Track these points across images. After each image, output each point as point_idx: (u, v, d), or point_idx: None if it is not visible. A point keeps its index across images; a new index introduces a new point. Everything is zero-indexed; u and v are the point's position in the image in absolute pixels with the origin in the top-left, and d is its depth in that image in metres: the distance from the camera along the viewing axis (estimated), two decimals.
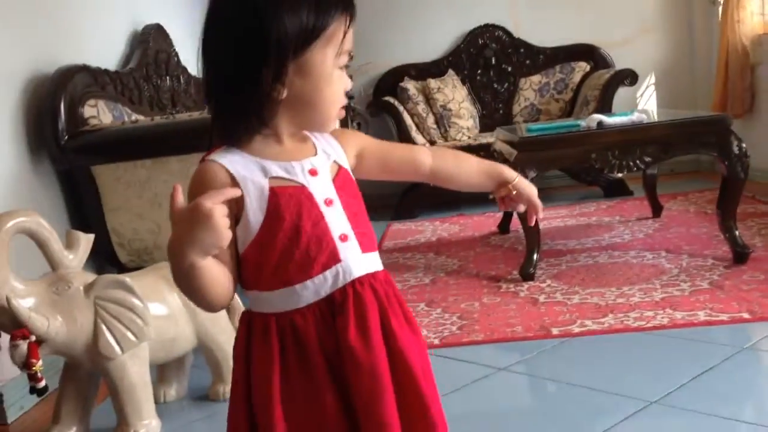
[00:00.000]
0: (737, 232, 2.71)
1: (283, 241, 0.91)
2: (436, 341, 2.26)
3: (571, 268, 2.86)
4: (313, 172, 0.94)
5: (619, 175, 4.34)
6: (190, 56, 3.68)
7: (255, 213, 0.91)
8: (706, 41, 4.82)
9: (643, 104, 4.96)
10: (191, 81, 3.53)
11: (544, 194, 1.32)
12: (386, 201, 4.87)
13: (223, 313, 2.00)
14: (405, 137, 4.45)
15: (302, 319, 0.92)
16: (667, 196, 4.01)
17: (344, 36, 0.91)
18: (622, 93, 4.47)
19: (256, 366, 0.94)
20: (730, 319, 2.14)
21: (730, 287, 2.41)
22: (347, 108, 4.05)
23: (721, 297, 2.33)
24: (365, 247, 0.97)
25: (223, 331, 1.98)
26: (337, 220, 0.94)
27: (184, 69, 3.51)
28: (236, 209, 0.90)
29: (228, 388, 1.98)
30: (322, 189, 0.94)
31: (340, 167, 0.99)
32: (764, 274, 2.50)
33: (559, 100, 4.72)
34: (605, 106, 4.23)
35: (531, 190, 1.10)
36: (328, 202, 0.94)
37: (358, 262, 0.95)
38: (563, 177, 4.67)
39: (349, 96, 4.66)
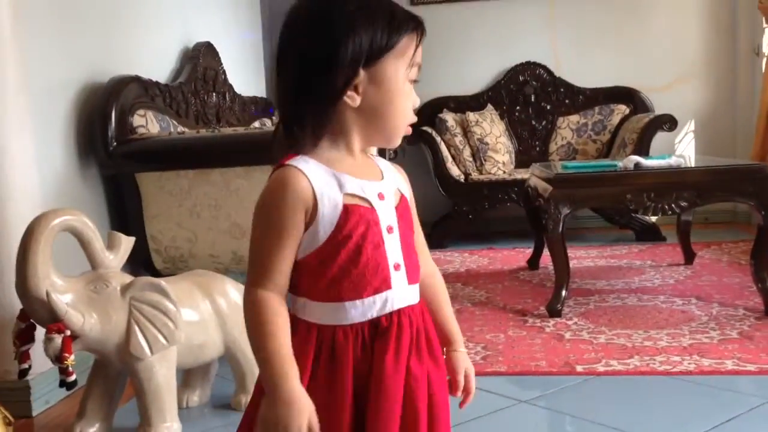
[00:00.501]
0: None
1: (344, 257, 0.93)
2: None
3: (599, 308, 2.85)
4: (381, 196, 0.97)
5: (653, 218, 4.32)
6: (236, 75, 3.78)
7: (325, 225, 0.93)
8: (748, 91, 4.80)
9: (681, 150, 4.94)
10: (236, 99, 3.62)
11: (576, 234, 1.34)
12: None
13: None
14: (440, 167, 4.49)
15: (343, 336, 0.94)
16: (700, 244, 3.98)
17: (415, 50, 0.95)
18: (660, 138, 4.47)
19: None
20: (758, 370, 2.12)
21: (760, 338, 2.39)
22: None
23: (750, 347, 2.30)
24: (411, 279, 0.99)
25: None
26: (394, 248, 0.97)
27: (230, 87, 3.61)
28: (308, 218, 0.92)
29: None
30: (386, 214, 0.97)
31: (402, 195, 1.02)
32: None
33: (596, 141, 4.73)
34: (643, 150, 4.23)
35: (460, 365, 1.03)
36: (390, 229, 0.97)
37: (405, 292, 0.98)
38: (597, 218, 4.66)
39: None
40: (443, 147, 4.61)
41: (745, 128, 4.79)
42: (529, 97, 4.98)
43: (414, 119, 0.99)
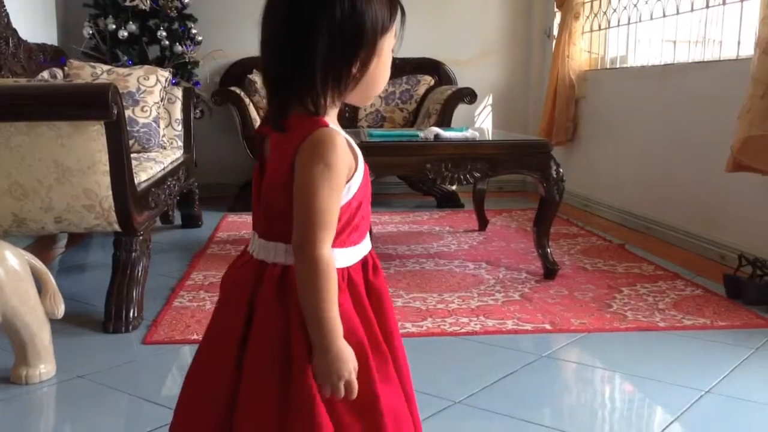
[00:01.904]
0: (549, 250, 2.94)
1: (362, 207, 1.04)
2: None
3: (398, 272, 2.97)
4: None
5: (452, 187, 4.56)
6: (21, 18, 3.43)
7: (358, 181, 1.02)
8: (540, 71, 5.17)
9: (480, 122, 5.24)
10: (21, 45, 3.29)
11: (381, 199, 1.38)
12: (223, 192, 4.80)
13: (34, 291, 1.90)
14: (248, 129, 4.40)
15: (355, 272, 1.04)
16: (493, 211, 4.27)
17: (401, 24, 1.04)
18: (462, 109, 4.70)
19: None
20: (534, 329, 2.32)
21: (537, 300, 2.61)
22: (193, 95, 3.95)
23: (529, 308, 2.52)
24: None
25: (32, 310, 1.87)
26: None
27: (14, 31, 3.27)
28: (349, 176, 1.00)
29: (31, 371, 1.88)
30: None
31: None
32: (568, 290, 2.73)
33: (403, 110, 4.87)
34: (445, 121, 4.43)
35: (318, 371, 0.98)
36: None
37: None
38: (401, 185, 4.83)
39: (194, 82, 4.55)
40: (252, 109, 4.52)
41: (536, 105, 5.17)
42: None
43: None
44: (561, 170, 2.88)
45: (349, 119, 4.95)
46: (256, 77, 4.66)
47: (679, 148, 3.53)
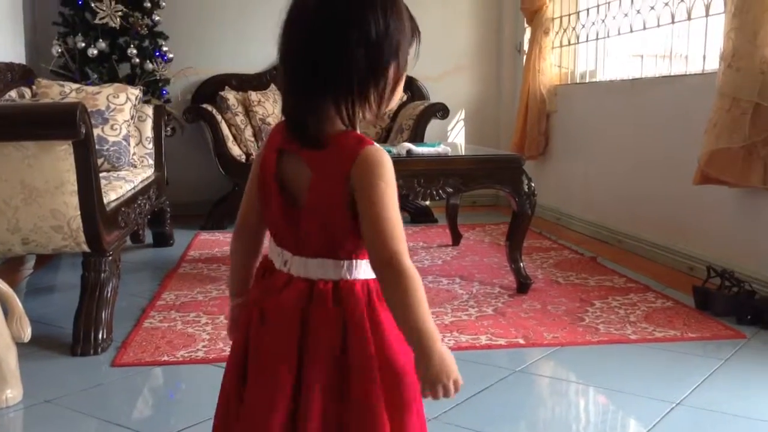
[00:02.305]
0: (522, 264, 2.95)
1: None
2: None
3: None
4: None
5: (425, 202, 4.57)
6: None
7: None
8: (511, 86, 5.22)
9: (453, 137, 5.26)
10: None
11: None
12: (196, 210, 4.77)
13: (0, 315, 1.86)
14: (220, 146, 4.38)
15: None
16: (467, 226, 4.29)
17: (418, 42, 1.05)
18: (435, 125, 4.72)
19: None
20: (507, 344, 2.33)
21: (510, 314, 2.62)
22: (164, 112, 3.93)
23: (503, 323, 2.52)
24: None
25: None
26: None
27: None
28: None
29: (7, 394, 1.84)
30: None
31: None
32: (541, 304, 2.75)
33: (376, 126, 4.88)
34: (418, 136, 4.45)
35: (427, 376, 0.98)
36: None
37: None
38: None
39: (166, 100, 4.52)
40: (224, 126, 4.51)
41: (508, 120, 5.21)
42: None
43: None
44: (533, 184, 2.90)
45: None
46: (228, 94, 4.65)
47: (648, 161, 3.58)
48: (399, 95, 1.05)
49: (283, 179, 1.02)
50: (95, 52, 4.20)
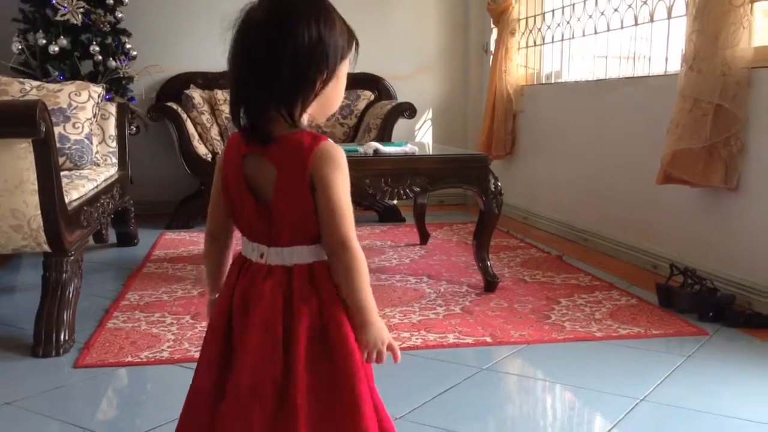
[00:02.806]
0: (489, 263, 2.97)
1: None
2: (197, 355, 2.20)
3: None
4: None
5: (393, 202, 4.57)
6: None
7: None
8: (478, 86, 5.25)
9: (421, 137, 5.28)
10: None
11: None
12: (161, 209, 4.71)
13: None
14: (186, 145, 4.34)
15: None
16: (434, 225, 4.30)
17: (356, 53, 1.17)
18: (402, 124, 4.72)
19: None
20: (474, 342, 2.34)
21: (478, 312, 2.63)
22: (127, 110, 3.87)
23: (470, 321, 2.53)
24: None
25: None
26: None
27: None
28: None
29: None
30: None
31: None
32: (508, 302, 2.76)
33: (343, 125, 4.87)
34: (385, 135, 4.45)
35: (365, 342, 1.13)
36: None
37: None
38: None
39: (129, 98, 4.46)
40: (189, 124, 4.46)
41: (475, 119, 5.24)
42: None
43: None
44: (499, 184, 2.91)
45: None
46: (194, 92, 4.60)
47: (612, 161, 3.62)
48: (337, 101, 1.17)
49: (248, 181, 1.13)
50: (56, 49, 4.13)
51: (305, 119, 1.13)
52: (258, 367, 1.10)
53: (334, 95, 1.15)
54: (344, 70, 1.15)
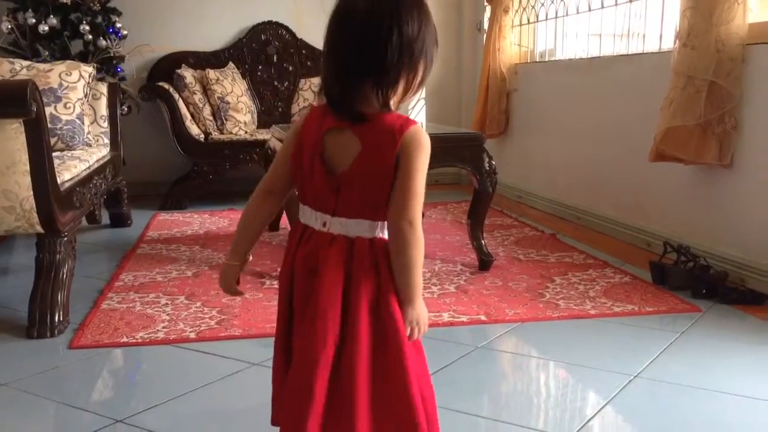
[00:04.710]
0: (484, 242, 2.97)
1: None
2: (193, 335, 2.21)
3: None
4: None
5: None
6: None
7: None
8: (472, 64, 5.23)
9: (415, 116, 5.25)
10: None
11: None
12: (154, 190, 4.69)
13: None
14: (179, 125, 4.31)
15: None
16: (429, 204, 4.29)
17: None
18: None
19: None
20: (469, 321, 2.34)
21: (473, 291, 2.64)
22: (119, 90, 3.84)
23: (465, 300, 2.54)
24: None
25: None
26: None
27: None
28: None
29: None
30: None
31: None
32: (502, 280, 2.77)
33: None
34: None
35: (409, 318, 1.20)
36: None
37: None
38: None
39: (120, 78, 4.42)
40: (182, 104, 4.43)
41: (469, 98, 5.22)
42: (272, 57, 4.95)
43: None
44: (494, 162, 2.91)
45: (282, 114, 4.90)
46: (185, 72, 4.56)
47: (606, 139, 3.62)
48: (420, 91, 1.23)
49: (324, 153, 1.18)
50: (46, 28, 4.08)
51: (393, 105, 1.19)
52: (321, 333, 1.17)
53: (422, 85, 1.23)
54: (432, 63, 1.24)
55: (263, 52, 4.94)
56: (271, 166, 1.27)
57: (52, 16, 4.11)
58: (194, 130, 4.41)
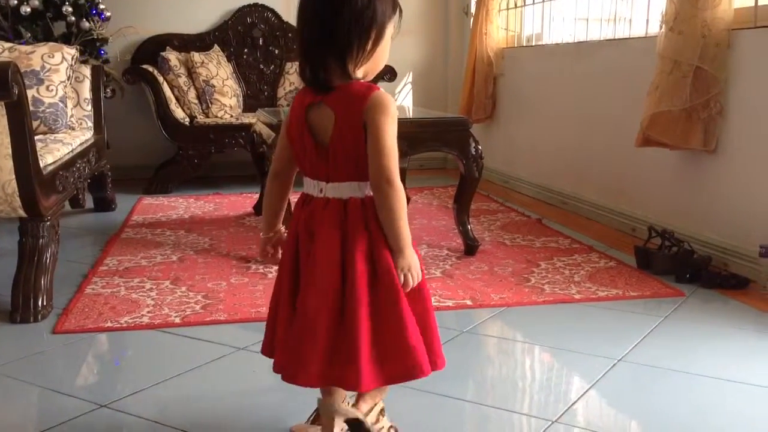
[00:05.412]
0: (470, 227, 2.97)
1: None
2: (178, 320, 2.20)
3: None
4: None
5: None
6: None
7: None
8: (459, 49, 5.21)
9: (401, 100, 5.24)
10: None
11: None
12: (139, 174, 4.66)
13: None
14: (163, 109, 4.28)
15: None
16: (415, 189, 4.29)
17: (399, 18, 1.35)
18: (382, 87, 4.65)
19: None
20: (455, 305, 2.35)
21: (458, 276, 2.64)
22: (102, 73, 3.79)
23: (450, 285, 2.54)
24: None
25: None
26: None
27: None
28: None
29: None
30: None
31: None
32: (488, 265, 2.78)
33: None
34: None
35: (400, 265, 1.32)
36: None
37: None
38: None
39: (104, 60, 4.37)
40: (166, 87, 4.39)
41: (455, 83, 5.20)
42: (258, 40, 4.91)
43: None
44: (480, 147, 2.90)
45: (268, 97, 4.87)
46: (170, 55, 4.52)
47: (592, 124, 3.62)
48: (383, 60, 1.34)
49: (310, 126, 1.31)
50: (28, 9, 4.02)
51: (359, 74, 1.30)
52: (321, 285, 1.29)
53: (381, 54, 1.33)
54: (389, 32, 1.32)
55: (249, 35, 4.90)
56: (275, 151, 1.42)
57: None
58: (179, 113, 4.38)
